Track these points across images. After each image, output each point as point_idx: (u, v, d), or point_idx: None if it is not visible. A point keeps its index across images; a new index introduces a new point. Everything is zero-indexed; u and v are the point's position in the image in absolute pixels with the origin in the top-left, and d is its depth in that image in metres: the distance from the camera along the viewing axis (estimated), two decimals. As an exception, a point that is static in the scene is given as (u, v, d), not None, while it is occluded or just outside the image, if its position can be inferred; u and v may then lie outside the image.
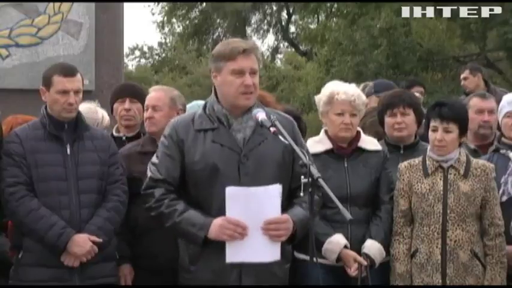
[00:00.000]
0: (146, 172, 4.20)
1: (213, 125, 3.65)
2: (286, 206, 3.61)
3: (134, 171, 4.28)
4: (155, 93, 4.57)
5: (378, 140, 4.50)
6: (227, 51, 3.62)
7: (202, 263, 3.59)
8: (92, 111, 5.05)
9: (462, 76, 8.04)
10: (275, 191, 3.49)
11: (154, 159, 3.73)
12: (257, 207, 3.48)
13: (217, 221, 3.50)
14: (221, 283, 3.56)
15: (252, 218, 3.49)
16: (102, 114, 5.29)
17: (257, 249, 3.50)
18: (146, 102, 4.60)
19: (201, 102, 4.67)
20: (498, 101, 4.91)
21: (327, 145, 4.28)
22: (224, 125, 3.65)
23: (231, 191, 3.49)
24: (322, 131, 4.38)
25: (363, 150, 4.30)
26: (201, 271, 3.59)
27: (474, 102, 5.08)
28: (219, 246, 3.51)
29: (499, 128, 4.84)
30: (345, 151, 4.28)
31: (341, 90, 4.26)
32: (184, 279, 3.69)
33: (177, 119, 3.81)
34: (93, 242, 3.92)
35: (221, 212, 3.52)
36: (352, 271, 4.07)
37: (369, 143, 4.34)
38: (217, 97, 3.70)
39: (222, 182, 3.53)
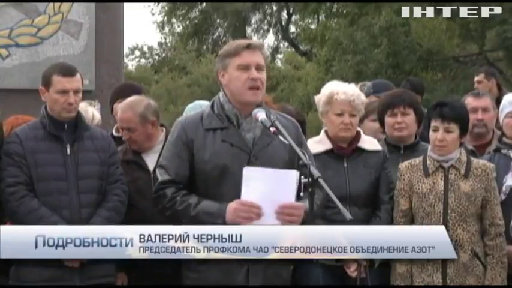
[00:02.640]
0: (127, 181, 4.22)
1: (222, 124, 3.65)
2: None
3: None
4: (123, 115, 4.48)
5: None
6: (232, 48, 3.65)
7: (211, 262, 3.54)
8: (83, 109, 5.04)
9: (476, 79, 7.89)
10: (292, 176, 3.45)
11: (162, 161, 3.71)
12: (273, 190, 3.46)
13: (231, 205, 3.49)
14: (228, 283, 3.56)
15: (267, 200, 3.47)
16: (93, 112, 5.29)
17: None
18: (118, 124, 4.57)
19: (203, 103, 4.69)
20: None
21: (326, 145, 4.28)
22: (234, 125, 3.65)
23: (248, 171, 3.47)
24: (322, 131, 4.37)
25: (362, 150, 4.29)
26: (209, 270, 3.57)
27: (468, 101, 5.07)
28: None
29: (500, 127, 4.84)
30: (344, 151, 4.28)
31: (340, 90, 4.25)
32: (190, 280, 3.66)
33: (185, 119, 3.79)
34: (93, 242, 3.92)
35: None
36: (352, 271, 4.07)
37: (368, 143, 4.34)
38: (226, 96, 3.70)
39: (232, 181, 3.53)
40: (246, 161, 3.58)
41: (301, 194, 3.39)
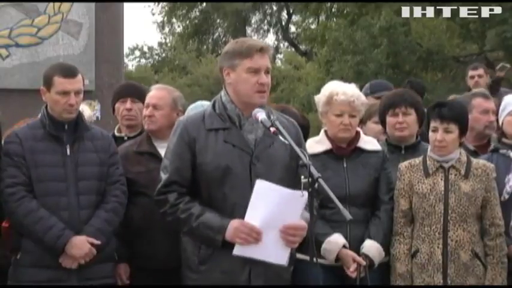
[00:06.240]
0: (141, 171, 4.23)
1: (224, 124, 3.63)
2: None
3: (130, 171, 4.27)
4: (157, 92, 4.53)
5: None
6: (244, 49, 3.59)
7: (213, 263, 3.55)
8: None
9: (477, 73, 7.84)
10: (302, 198, 3.39)
11: (164, 162, 3.69)
12: (280, 208, 3.43)
13: (233, 223, 3.47)
14: (231, 283, 3.55)
15: (272, 217, 3.44)
16: (82, 108, 5.28)
17: (266, 248, 3.47)
18: (147, 100, 4.56)
19: (205, 103, 4.68)
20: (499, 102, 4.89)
21: (326, 145, 4.27)
22: (236, 125, 3.63)
23: (260, 185, 3.42)
24: (322, 131, 4.37)
25: (362, 151, 4.29)
26: (211, 271, 3.56)
27: (478, 103, 5.03)
28: (231, 247, 3.48)
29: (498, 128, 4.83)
30: (344, 151, 4.27)
31: (340, 90, 4.24)
32: (192, 280, 3.65)
33: (186, 118, 3.77)
34: (92, 244, 3.90)
35: (234, 212, 3.51)
36: (351, 271, 4.07)
37: (368, 143, 4.33)
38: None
39: (234, 183, 3.52)
40: (248, 162, 3.57)
41: (301, 193, 3.37)
